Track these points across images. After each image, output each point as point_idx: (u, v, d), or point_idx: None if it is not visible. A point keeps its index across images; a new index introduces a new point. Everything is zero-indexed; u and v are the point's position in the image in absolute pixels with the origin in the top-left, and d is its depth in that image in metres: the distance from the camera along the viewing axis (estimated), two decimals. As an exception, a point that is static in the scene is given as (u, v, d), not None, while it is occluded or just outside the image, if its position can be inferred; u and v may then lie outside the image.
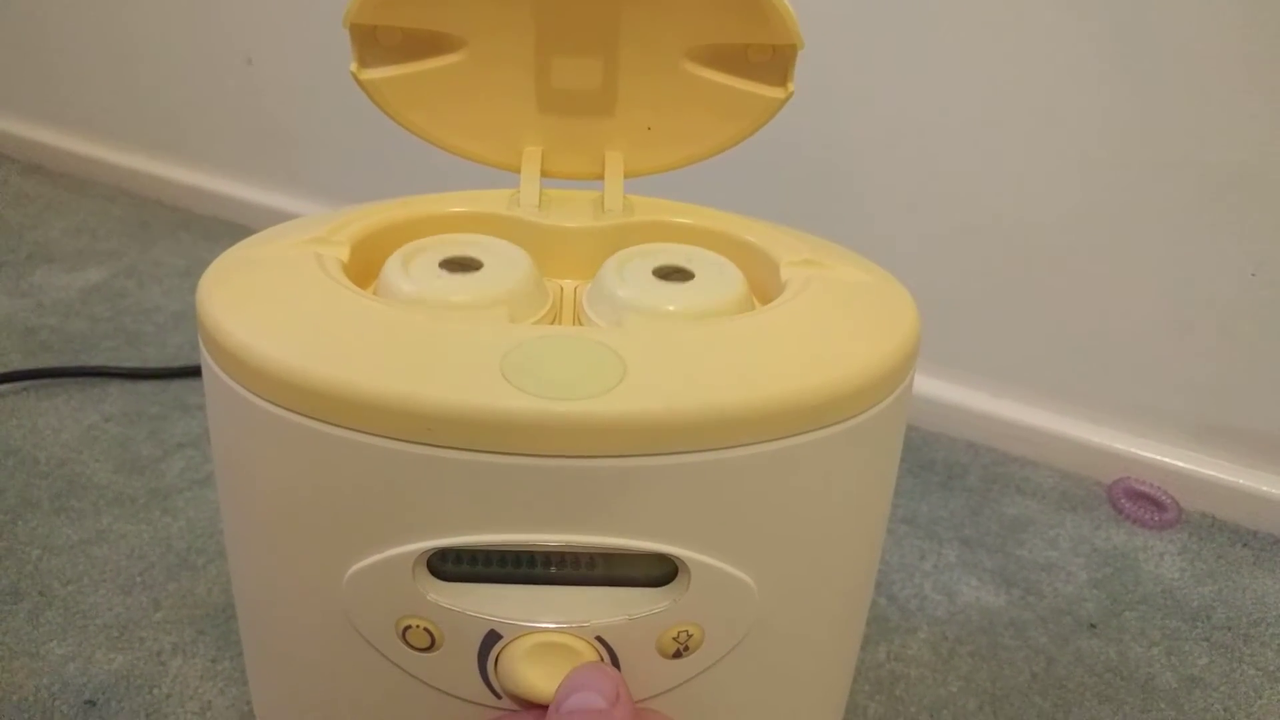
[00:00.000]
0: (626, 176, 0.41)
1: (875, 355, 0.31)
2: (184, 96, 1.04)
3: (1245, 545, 0.64)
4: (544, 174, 0.41)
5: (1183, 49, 0.59)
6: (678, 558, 0.29)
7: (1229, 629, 0.56)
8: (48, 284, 0.87)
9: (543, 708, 0.30)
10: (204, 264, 0.35)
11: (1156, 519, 0.65)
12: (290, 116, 0.98)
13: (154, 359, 0.76)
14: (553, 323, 0.35)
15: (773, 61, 0.39)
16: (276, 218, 1.03)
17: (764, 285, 0.37)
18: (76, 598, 0.52)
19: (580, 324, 0.35)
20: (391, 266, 0.34)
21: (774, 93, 0.39)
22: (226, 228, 1.03)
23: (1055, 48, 0.62)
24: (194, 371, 0.73)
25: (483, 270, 0.35)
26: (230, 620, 0.51)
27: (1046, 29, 0.62)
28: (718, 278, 0.36)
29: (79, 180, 1.12)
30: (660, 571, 0.31)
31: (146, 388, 0.72)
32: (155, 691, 0.47)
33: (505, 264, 0.35)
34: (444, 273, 0.34)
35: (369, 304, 0.31)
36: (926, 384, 0.74)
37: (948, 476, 0.69)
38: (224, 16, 0.97)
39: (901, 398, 0.33)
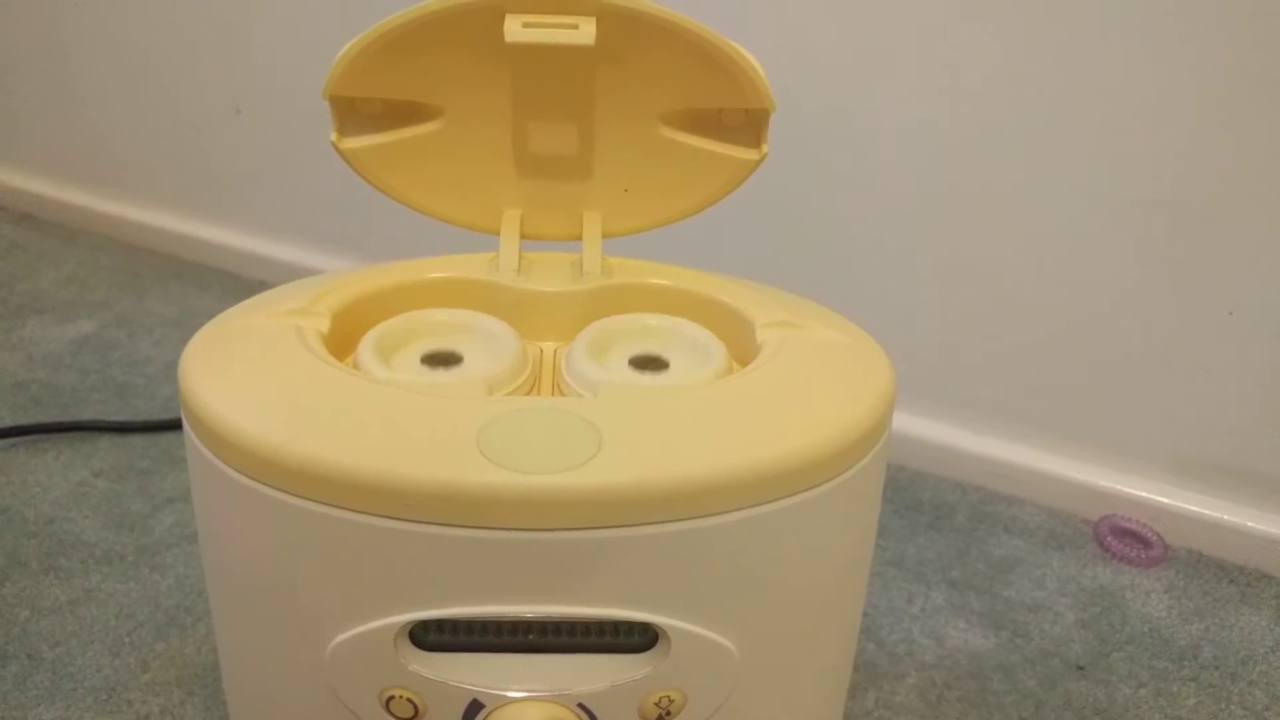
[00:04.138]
0: (605, 237, 0.41)
1: (849, 419, 0.31)
2: (174, 145, 1.05)
3: (1232, 581, 0.64)
4: (523, 235, 0.41)
5: (1157, 91, 0.60)
6: (658, 625, 0.30)
7: (1216, 668, 0.56)
8: (39, 336, 0.88)
9: None
10: (195, 313, 0.35)
11: (1143, 556, 0.65)
12: (279, 165, 0.99)
13: (144, 411, 0.76)
14: (531, 389, 0.36)
15: (746, 124, 0.40)
16: (266, 265, 1.05)
17: (741, 346, 0.37)
18: (65, 660, 0.52)
19: (559, 390, 0.35)
20: (367, 357, 0.35)
21: (748, 154, 0.40)
22: (217, 276, 1.03)
23: (1034, 92, 0.63)
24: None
25: (464, 364, 0.35)
26: (218, 680, 0.50)
27: (1023, 71, 0.63)
28: (694, 366, 0.36)
29: (70, 229, 1.13)
30: (641, 638, 0.31)
31: (136, 441, 0.72)
32: (143, 755, 0.47)
33: (488, 353, 0.36)
34: (425, 369, 0.35)
35: (347, 378, 0.31)
36: (914, 424, 0.74)
37: (935, 516, 0.69)
38: (213, 67, 0.98)
39: (877, 457, 0.33)
